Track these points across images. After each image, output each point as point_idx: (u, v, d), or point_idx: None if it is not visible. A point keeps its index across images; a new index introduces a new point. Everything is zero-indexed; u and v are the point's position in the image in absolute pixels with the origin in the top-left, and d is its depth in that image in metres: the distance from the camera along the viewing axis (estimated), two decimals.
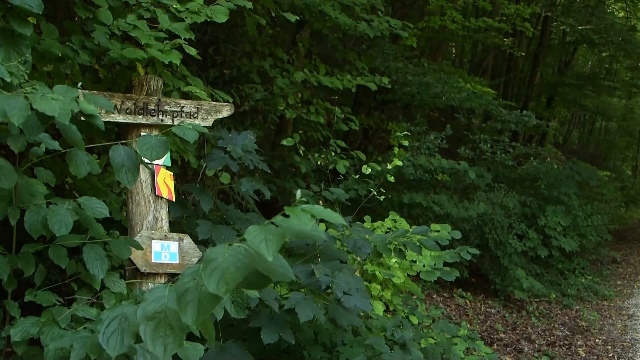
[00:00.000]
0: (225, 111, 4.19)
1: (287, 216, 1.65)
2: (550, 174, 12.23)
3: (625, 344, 8.26)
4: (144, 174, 3.79)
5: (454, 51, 21.83)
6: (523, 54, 19.27)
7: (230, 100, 5.03)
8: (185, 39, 4.08)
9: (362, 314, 4.74)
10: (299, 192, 1.71)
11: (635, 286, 12.72)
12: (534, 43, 20.82)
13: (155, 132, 3.81)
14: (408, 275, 5.92)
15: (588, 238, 12.77)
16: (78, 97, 2.95)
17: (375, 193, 6.31)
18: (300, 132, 7.39)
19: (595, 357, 7.66)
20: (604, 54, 25.57)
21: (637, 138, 45.22)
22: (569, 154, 24.02)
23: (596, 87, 24.60)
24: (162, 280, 3.76)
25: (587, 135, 38.43)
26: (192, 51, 4.19)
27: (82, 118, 3.01)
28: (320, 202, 5.12)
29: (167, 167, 3.95)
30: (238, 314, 3.42)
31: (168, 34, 4.11)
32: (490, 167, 11.31)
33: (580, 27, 17.98)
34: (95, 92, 3.66)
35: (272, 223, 1.64)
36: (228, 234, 4.18)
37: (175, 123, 3.86)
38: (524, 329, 8.61)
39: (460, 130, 12.06)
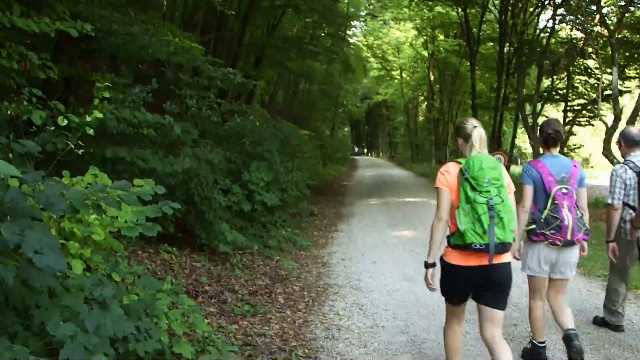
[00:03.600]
0: None
1: None
2: (255, 131, 12.69)
3: (319, 289, 8.93)
4: None
5: (164, 4, 21.43)
6: (233, 12, 19.56)
7: None
8: None
9: (59, 273, 4.49)
10: None
11: (330, 237, 13.78)
12: (245, 3, 21.25)
13: None
14: (110, 232, 5.73)
15: (289, 193, 13.54)
16: None
17: (73, 146, 5.97)
18: None
19: (293, 303, 8.16)
20: (308, 20, 27.10)
21: (336, 101, 49.11)
22: (274, 113, 25.13)
23: (301, 51, 25.98)
24: None
25: (292, 96, 40.60)
26: None
27: None
28: (10, 155, 4.72)
29: None
30: None
31: None
32: (198, 123, 11.36)
33: None
34: None
35: None
36: None
37: None
38: (228, 280, 8.88)
39: (167, 85, 11.91)
